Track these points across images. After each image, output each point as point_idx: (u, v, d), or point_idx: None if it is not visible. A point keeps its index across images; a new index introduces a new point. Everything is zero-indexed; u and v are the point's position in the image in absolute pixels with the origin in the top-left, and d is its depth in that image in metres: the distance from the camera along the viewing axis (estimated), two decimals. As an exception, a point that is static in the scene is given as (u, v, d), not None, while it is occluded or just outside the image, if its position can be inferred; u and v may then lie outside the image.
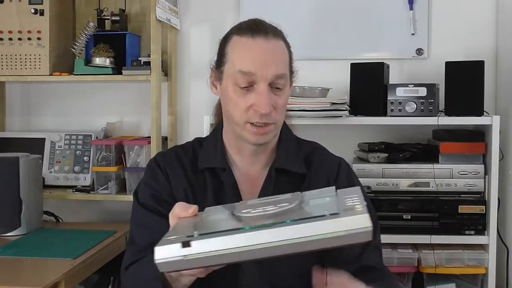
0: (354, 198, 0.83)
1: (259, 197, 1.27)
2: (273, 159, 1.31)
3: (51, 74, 2.29)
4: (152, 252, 1.00)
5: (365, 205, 0.78)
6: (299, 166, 1.31)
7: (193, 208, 0.97)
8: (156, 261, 0.76)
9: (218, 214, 0.91)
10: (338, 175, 1.32)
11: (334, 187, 0.93)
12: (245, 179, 1.30)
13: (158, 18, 2.23)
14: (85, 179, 2.36)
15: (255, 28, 1.24)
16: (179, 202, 1.03)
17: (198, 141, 1.38)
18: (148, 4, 2.25)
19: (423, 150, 2.23)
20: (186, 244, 0.75)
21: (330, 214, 0.75)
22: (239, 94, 1.21)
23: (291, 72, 1.30)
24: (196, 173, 1.31)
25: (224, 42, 1.28)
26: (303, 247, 0.74)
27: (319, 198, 0.88)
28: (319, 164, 1.33)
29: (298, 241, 0.74)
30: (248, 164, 1.31)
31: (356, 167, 2.09)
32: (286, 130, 1.36)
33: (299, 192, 0.94)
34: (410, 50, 2.40)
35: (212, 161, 1.31)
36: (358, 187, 0.92)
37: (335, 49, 2.43)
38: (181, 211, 0.98)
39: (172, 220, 0.99)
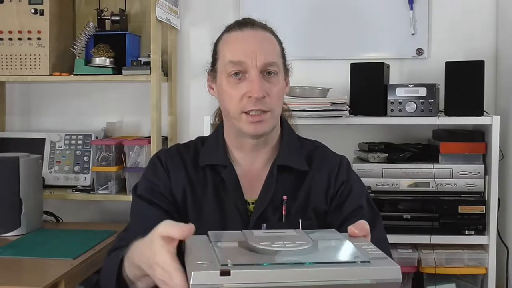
0: (371, 246, 0.84)
1: (260, 193, 1.28)
2: (275, 156, 1.32)
3: (51, 74, 2.29)
4: (130, 243, 0.99)
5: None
6: (301, 163, 1.32)
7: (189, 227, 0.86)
8: (192, 285, 0.74)
9: (231, 242, 0.86)
10: (339, 172, 1.34)
11: (334, 230, 0.93)
12: (247, 176, 1.31)
13: (158, 18, 2.23)
14: (85, 179, 2.36)
15: (242, 22, 1.29)
16: (167, 220, 0.90)
17: (200, 139, 1.40)
18: (148, 4, 2.25)
19: (423, 150, 2.23)
20: (225, 273, 0.74)
21: (361, 262, 0.77)
22: (232, 85, 1.24)
23: (285, 67, 1.33)
24: (197, 170, 1.32)
25: (216, 43, 1.32)
26: (332, 285, 0.76)
27: (328, 240, 0.88)
28: (321, 162, 1.34)
29: (334, 283, 0.75)
30: (249, 161, 1.32)
31: (356, 167, 2.09)
32: (287, 128, 1.38)
33: (300, 230, 0.92)
34: (410, 50, 2.40)
35: (213, 157, 1.32)
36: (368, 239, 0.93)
37: (335, 49, 2.43)
38: (174, 231, 0.85)
39: (167, 229, 0.87)
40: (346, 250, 0.83)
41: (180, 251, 0.87)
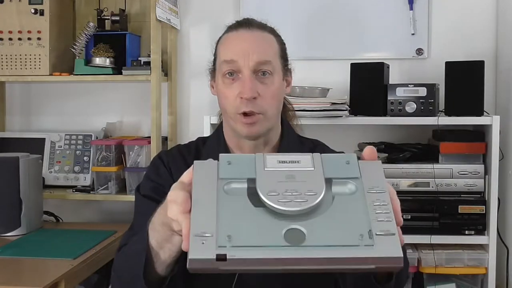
0: (382, 204, 0.83)
1: None
2: None
3: (51, 74, 2.29)
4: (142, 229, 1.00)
5: (394, 221, 0.82)
6: None
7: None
8: (189, 268, 0.75)
9: (239, 183, 0.85)
10: None
11: (355, 154, 0.89)
12: None
13: (158, 18, 2.23)
14: (85, 179, 2.36)
15: (240, 22, 1.31)
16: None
17: (201, 139, 1.41)
18: (148, 4, 2.25)
19: (423, 150, 2.23)
20: (221, 258, 0.75)
21: (364, 246, 0.77)
22: (227, 85, 1.25)
23: (286, 68, 1.33)
24: None
25: (216, 43, 1.34)
26: (332, 270, 0.77)
27: (343, 180, 0.85)
28: None
29: (335, 268, 0.76)
30: None
31: (356, 167, 2.09)
32: (287, 128, 1.38)
33: (318, 155, 0.87)
34: (410, 50, 2.40)
35: (214, 156, 1.31)
36: (379, 162, 0.90)
37: (335, 49, 2.43)
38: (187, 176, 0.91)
39: (180, 186, 0.92)
40: (354, 221, 0.81)
41: None
